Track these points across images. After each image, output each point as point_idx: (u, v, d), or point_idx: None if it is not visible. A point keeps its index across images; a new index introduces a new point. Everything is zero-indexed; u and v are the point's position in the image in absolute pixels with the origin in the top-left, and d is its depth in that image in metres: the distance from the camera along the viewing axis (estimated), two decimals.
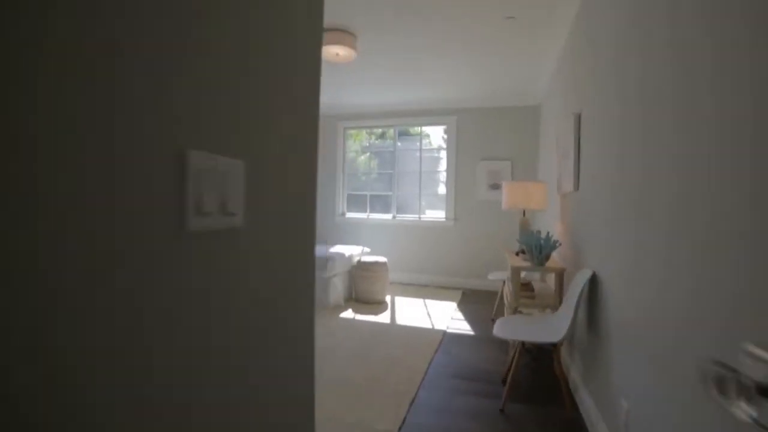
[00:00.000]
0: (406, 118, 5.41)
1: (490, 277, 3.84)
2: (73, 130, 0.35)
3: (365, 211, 5.75)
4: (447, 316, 3.88)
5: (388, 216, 5.58)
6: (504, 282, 3.86)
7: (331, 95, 5.05)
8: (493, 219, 5.04)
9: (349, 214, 5.80)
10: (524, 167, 4.97)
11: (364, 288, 4.28)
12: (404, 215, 5.54)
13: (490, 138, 5.08)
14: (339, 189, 5.79)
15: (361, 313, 3.92)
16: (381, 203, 5.75)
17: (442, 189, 5.39)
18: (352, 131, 5.85)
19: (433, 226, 5.33)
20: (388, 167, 5.64)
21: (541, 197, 3.00)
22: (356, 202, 5.89)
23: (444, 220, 5.27)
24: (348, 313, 3.87)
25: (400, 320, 3.74)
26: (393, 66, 3.97)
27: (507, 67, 3.91)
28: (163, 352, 0.46)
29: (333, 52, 3.48)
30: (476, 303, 4.43)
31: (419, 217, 5.41)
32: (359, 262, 4.36)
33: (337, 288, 4.11)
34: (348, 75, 4.25)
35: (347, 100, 5.33)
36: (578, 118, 2.40)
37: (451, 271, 5.25)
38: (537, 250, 2.53)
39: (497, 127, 5.05)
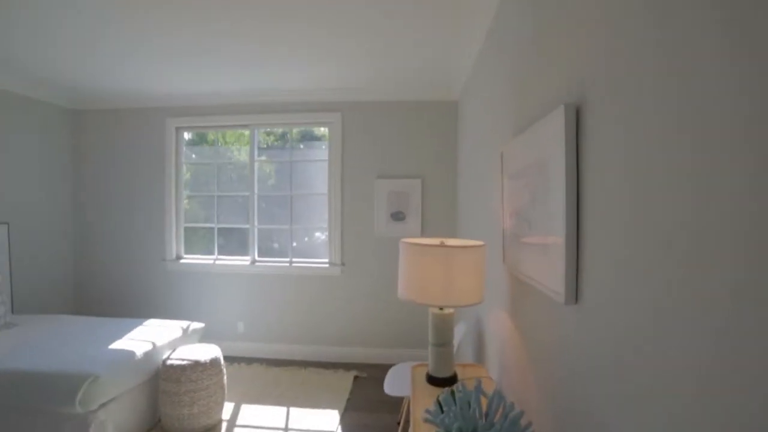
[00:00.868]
0: (269, 116, 3.60)
1: (388, 389, 2.23)
2: None
3: (213, 253, 3.81)
4: None
5: (245, 260, 3.70)
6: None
7: (142, 71, 3.04)
8: (397, 262, 3.49)
9: (188, 259, 3.80)
10: (440, 188, 3.50)
11: (173, 413, 2.39)
12: (269, 259, 3.72)
13: (391, 145, 3.52)
14: (171, 219, 3.76)
15: None
16: (237, 241, 3.85)
17: (323, 221, 3.68)
18: (189, 131, 3.86)
19: (310, 276, 3.60)
20: (278, 185, 3.74)
21: (474, 281, 1.44)
22: (205, 237, 3.91)
23: (327, 266, 3.57)
24: None
25: None
26: (229, 27, 2.17)
27: (412, 35, 2.35)
28: None
29: None
30: (374, 402, 2.82)
31: (290, 263, 3.63)
32: (164, 365, 2.45)
33: (106, 430, 2.15)
34: (166, 42, 2.33)
35: (178, 87, 3.36)
36: (574, 116, 0.87)
37: (339, 340, 3.58)
38: None
39: (401, 130, 3.51)
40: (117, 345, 2.45)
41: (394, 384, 2.26)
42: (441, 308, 1.57)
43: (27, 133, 3.46)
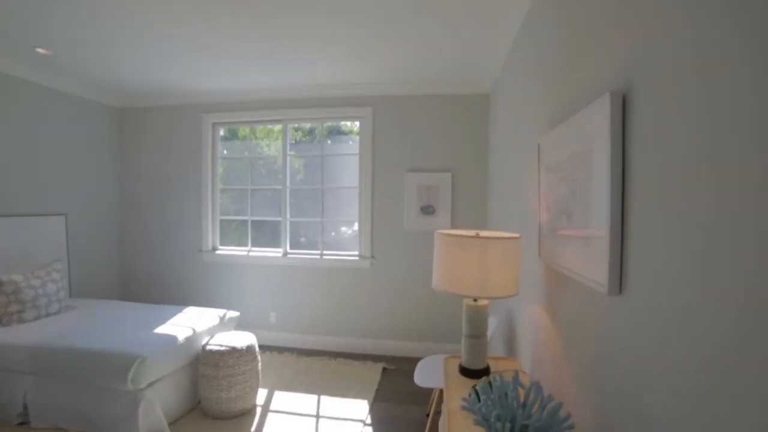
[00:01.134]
0: (301, 111, 3.68)
1: (418, 380, 2.26)
2: None
3: (246, 245, 3.94)
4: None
5: (277, 252, 3.81)
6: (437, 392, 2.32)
7: (183, 70, 3.18)
8: (427, 257, 3.50)
9: (223, 250, 3.95)
10: (471, 182, 3.48)
11: (212, 395, 2.50)
12: (301, 251, 3.81)
13: (422, 139, 3.52)
14: (207, 212, 3.92)
15: None
16: (269, 233, 3.97)
17: (354, 214, 3.74)
18: (225, 127, 4.00)
19: (340, 268, 3.66)
20: (307, 178, 3.83)
21: (509, 273, 1.44)
22: (238, 230, 4.06)
23: (357, 258, 3.63)
24: None
25: None
26: (265, 28, 2.23)
27: (444, 31, 2.34)
28: None
29: None
30: (403, 393, 2.86)
31: (321, 255, 3.71)
32: (204, 350, 2.57)
33: (154, 407, 2.29)
34: (205, 42, 2.43)
35: (212, 84, 3.48)
36: (620, 104, 0.85)
37: (368, 332, 3.63)
38: None
39: (432, 124, 3.51)
40: (161, 330, 2.60)
41: (424, 375, 2.28)
42: (475, 300, 1.58)
43: (80, 131, 3.69)
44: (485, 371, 1.58)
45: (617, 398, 0.89)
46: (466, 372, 1.59)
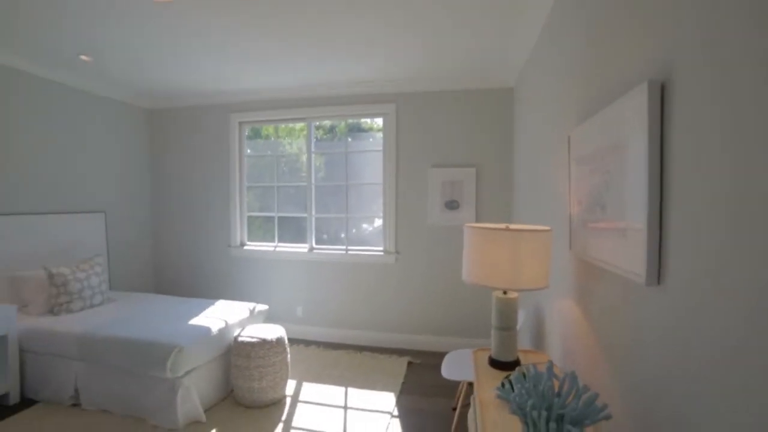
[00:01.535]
0: (325, 109, 3.73)
1: (445, 373, 2.28)
2: None
3: (272, 240, 4.05)
4: (379, 428, 2.31)
5: (303, 248, 3.90)
6: (464, 385, 2.34)
7: (211, 72, 3.28)
8: (452, 251, 3.51)
9: (251, 245, 4.07)
10: (495, 177, 3.46)
11: (244, 385, 2.60)
12: (326, 247, 3.89)
13: (445, 134, 3.52)
14: (235, 209, 4.04)
15: None
16: (293, 229, 4.05)
17: (376, 210, 3.78)
18: (251, 126, 4.10)
19: (365, 263, 3.71)
20: (329, 175, 3.91)
21: (540, 266, 1.44)
22: (268, 227, 4.17)
23: (381, 254, 3.67)
24: None
25: None
26: (289, 26, 2.29)
27: (468, 26, 2.34)
28: None
29: None
30: (429, 386, 2.89)
31: (346, 250, 3.77)
32: (236, 342, 2.67)
33: (191, 394, 2.40)
34: (226, 40, 2.52)
35: (238, 83, 3.58)
36: (658, 93, 0.85)
37: (393, 327, 3.67)
38: (544, 427, 0.98)
39: (455, 119, 3.50)
40: (196, 321, 2.71)
41: (452, 369, 2.30)
42: (504, 292, 1.59)
43: (115, 133, 3.87)
44: (515, 363, 1.59)
45: (654, 388, 0.89)
46: (495, 364, 1.60)
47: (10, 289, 2.89)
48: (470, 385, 2.55)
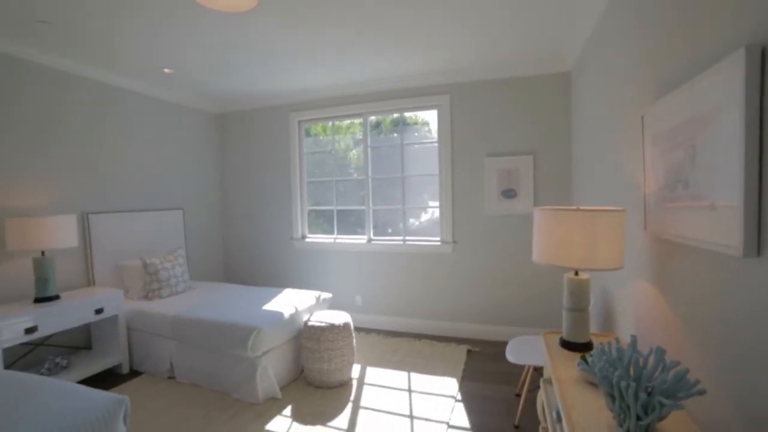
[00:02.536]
0: (380, 104, 3.84)
1: (510, 357, 2.30)
2: None
3: (331, 233, 4.24)
4: (444, 412, 2.38)
5: (362, 239, 4.05)
6: (530, 369, 2.35)
7: (274, 75, 3.50)
8: (509, 240, 3.49)
9: (311, 237, 4.29)
10: (553, 163, 3.38)
11: (315, 366, 2.78)
12: (383, 238, 4.01)
13: (500, 123, 3.49)
14: (296, 203, 4.28)
15: (305, 414, 2.43)
16: (353, 221, 4.21)
17: (435, 200, 3.83)
18: (310, 124, 4.30)
19: (422, 253, 3.79)
20: (376, 169, 4.04)
21: (615, 245, 1.44)
22: (327, 220, 4.37)
23: (438, 243, 3.72)
24: (280, 422, 2.38)
25: (366, 431, 2.25)
26: (341, 24, 2.41)
27: (522, 14, 2.32)
28: None
29: None
30: (489, 373, 2.91)
31: (404, 241, 3.87)
32: (307, 326, 2.86)
33: (269, 373, 2.62)
34: (287, 46, 2.70)
35: (298, 84, 3.78)
36: (759, 59, 0.83)
37: (451, 316, 3.72)
38: (632, 399, 1.00)
39: (510, 107, 3.46)
40: (269, 307, 2.93)
41: (517, 353, 2.32)
42: (576, 273, 1.59)
43: (191, 136, 4.24)
44: (588, 345, 1.59)
45: (756, 364, 0.88)
46: (567, 345, 1.61)
47: (115, 276, 3.31)
48: (536, 370, 2.56)
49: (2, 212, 2.68)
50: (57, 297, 2.68)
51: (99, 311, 2.77)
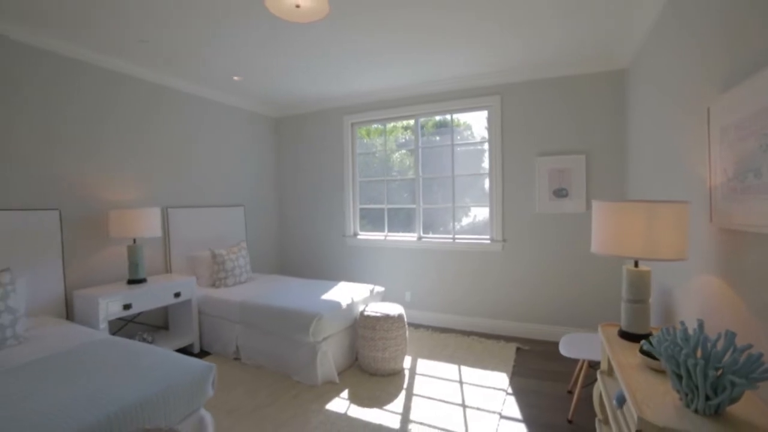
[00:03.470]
0: (431, 105, 3.95)
1: (564, 351, 2.32)
2: None
3: (382, 230, 4.39)
4: (495, 404, 2.43)
5: (412, 237, 4.17)
6: (585, 363, 2.35)
7: (329, 79, 3.73)
8: (559, 240, 3.46)
9: (363, 235, 4.47)
10: (607, 162, 3.33)
11: (369, 354, 2.93)
12: (433, 236, 4.10)
13: (551, 123, 3.49)
14: (348, 202, 4.48)
15: (362, 398, 2.58)
16: (403, 220, 4.35)
17: (485, 199, 3.88)
18: (362, 126, 4.50)
19: (472, 251, 3.84)
20: (414, 171, 4.19)
21: (678, 236, 1.45)
22: (371, 219, 4.54)
23: (488, 242, 3.76)
24: (339, 403, 2.54)
25: (421, 416, 2.35)
26: (397, 29, 2.56)
27: (576, 13, 2.34)
28: None
29: (291, 3, 2.19)
30: (540, 371, 2.92)
31: (453, 239, 3.94)
32: (363, 315, 3.01)
33: (327, 357, 2.80)
34: (343, 49, 2.90)
35: (351, 87, 3.98)
36: None
37: (499, 314, 3.74)
38: (701, 377, 1.03)
39: (562, 106, 3.45)
40: (327, 297, 3.12)
41: (570, 348, 2.33)
42: (636, 265, 1.61)
43: (251, 139, 4.59)
44: (648, 337, 1.60)
45: None
46: (627, 336, 1.64)
47: (187, 265, 3.65)
48: (590, 366, 2.55)
49: (107, 205, 3.10)
50: (144, 280, 3.03)
51: (177, 295, 3.09)
